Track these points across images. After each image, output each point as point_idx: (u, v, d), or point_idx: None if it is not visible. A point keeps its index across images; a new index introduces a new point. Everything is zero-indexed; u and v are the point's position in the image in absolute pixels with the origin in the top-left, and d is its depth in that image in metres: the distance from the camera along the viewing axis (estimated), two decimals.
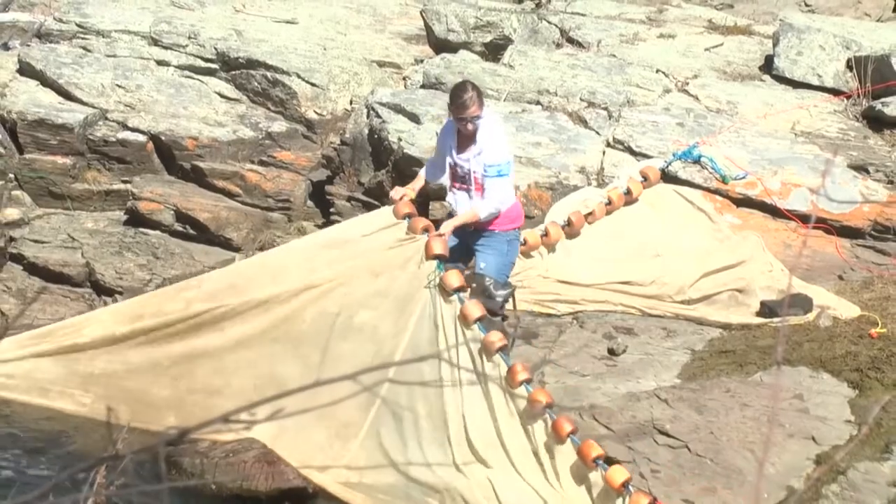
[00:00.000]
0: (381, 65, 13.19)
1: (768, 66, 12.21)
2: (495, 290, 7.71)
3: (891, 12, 15.95)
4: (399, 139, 10.65)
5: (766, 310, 8.84)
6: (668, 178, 9.98)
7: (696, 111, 11.12)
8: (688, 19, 13.72)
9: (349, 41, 13.56)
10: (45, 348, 7.89)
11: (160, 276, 10.91)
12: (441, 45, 13.43)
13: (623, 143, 10.56)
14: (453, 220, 7.83)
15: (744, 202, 9.97)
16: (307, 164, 11.86)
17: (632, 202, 9.64)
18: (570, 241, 9.29)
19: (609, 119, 10.92)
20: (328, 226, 11.07)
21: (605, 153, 10.50)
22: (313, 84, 12.30)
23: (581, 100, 11.18)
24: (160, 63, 12.76)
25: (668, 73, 11.93)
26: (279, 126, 12.11)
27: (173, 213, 11.38)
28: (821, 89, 11.70)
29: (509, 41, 13.14)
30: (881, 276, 9.36)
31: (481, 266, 7.84)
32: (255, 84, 12.43)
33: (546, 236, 9.14)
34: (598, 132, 10.76)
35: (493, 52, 13.10)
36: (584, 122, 10.90)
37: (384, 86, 12.27)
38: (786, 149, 10.48)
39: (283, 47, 12.81)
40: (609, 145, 10.60)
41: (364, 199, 10.93)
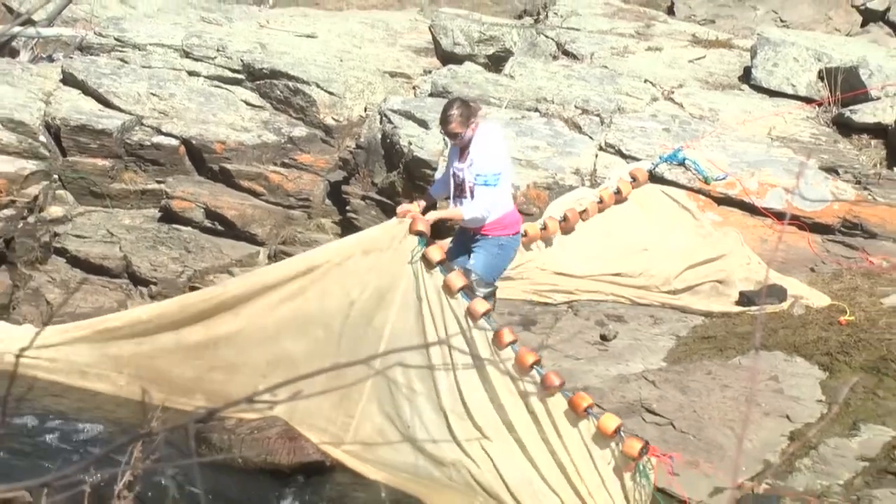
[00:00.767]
0: (392, 75, 13.17)
1: (747, 76, 12.18)
2: (477, 286, 7.59)
3: (859, 27, 15.92)
4: (409, 143, 10.64)
5: (745, 299, 8.83)
6: (655, 178, 9.95)
7: (680, 118, 11.09)
8: (673, 34, 13.68)
9: (364, 54, 13.55)
10: (81, 334, 7.91)
11: (191, 269, 10.95)
12: (448, 58, 13.42)
13: (614, 147, 10.53)
14: (438, 212, 7.78)
15: (724, 201, 9.95)
16: (325, 165, 11.85)
17: (622, 201, 9.63)
18: (566, 236, 9.30)
19: (601, 125, 10.89)
20: (345, 222, 11.10)
21: (597, 156, 10.47)
22: (331, 93, 12.29)
23: (576, 107, 11.15)
24: (191, 74, 12.77)
25: (656, 82, 11.90)
26: (300, 131, 12.10)
27: (203, 210, 11.40)
28: (795, 98, 11.67)
29: (510, 53, 13.12)
30: (849, 269, 9.34)
31: (470, 263, 7.73)
32: (278, 93, 12.42)
33: (545, 229, 9.16)
34: (591, 137, 10.73)
35: (496, 63, 13.09)
36: (578, 128, 10.87)
37: (396, 94, 12.25)
38: (763, 152, 10.45)
39: (304, 59, 12.80)
40: (601, 149, 10.57)
41: (377, 198, 10.93)
